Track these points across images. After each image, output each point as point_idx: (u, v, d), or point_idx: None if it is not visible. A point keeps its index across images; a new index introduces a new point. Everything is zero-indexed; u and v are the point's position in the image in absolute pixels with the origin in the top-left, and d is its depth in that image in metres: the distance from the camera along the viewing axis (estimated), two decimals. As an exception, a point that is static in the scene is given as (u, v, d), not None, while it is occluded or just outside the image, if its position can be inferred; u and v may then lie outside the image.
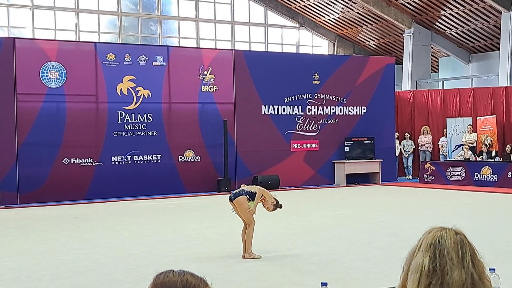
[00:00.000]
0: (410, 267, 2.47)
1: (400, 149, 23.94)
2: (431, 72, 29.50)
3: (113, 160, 18.69)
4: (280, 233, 11.75)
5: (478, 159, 21.49)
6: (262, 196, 9.51)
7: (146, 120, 19.14)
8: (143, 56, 19.22)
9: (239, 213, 9.51)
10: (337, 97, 22.14)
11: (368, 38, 31.17)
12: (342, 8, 28.96)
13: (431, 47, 28.93)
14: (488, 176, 20.07)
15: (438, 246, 2.41)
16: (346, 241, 10.73)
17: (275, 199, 9.66)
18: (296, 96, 21.47)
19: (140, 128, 19.07)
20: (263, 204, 9.60)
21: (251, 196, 9.44)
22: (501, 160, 20.85)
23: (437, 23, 27.75)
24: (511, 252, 9.57)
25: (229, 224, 12.92)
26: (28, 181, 17.55)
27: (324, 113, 21.95)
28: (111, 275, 8.47)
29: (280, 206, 9.72)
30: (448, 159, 22.73)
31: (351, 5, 28.25)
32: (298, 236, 11.40)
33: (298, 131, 21.53)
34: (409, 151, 23.81)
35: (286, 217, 13.62)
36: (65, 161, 18.05)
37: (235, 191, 9.65)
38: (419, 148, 23.87)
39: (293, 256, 9.56)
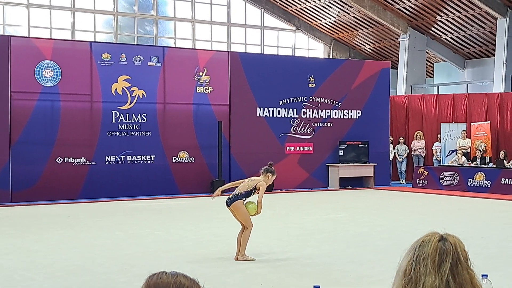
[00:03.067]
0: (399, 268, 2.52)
1: (394, 153, 23.96)
2: (426, 77, 29.57)
3: (106, 160, 18.66)
4: (274, 235, 11.75)
5: (471, 164, 21.52)
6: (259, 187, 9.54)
7: (140, 120, 19.12)
8: (139, 56, 19.20)
9: (237, 217, 9.52)
10: (332, 101, 22.15)
11: (363, 42, 31.22)
12: (339, 12, 29.00)
13: (427, 52, 28.99)
14: (481, 182, 20.10)
15: (418, 251, 2.44)
16: (340, 244, 10.74)
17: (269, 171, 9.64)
18: (291, 99, 21.47)
19: (134, 128, 19.05)
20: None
21: (246, 195, 9.46)
22: (495, 166, 20.88)
23: (432, 29, 27.81)
24: (505, 257, 9.59)
25: (222, 226, 12.92)
26: (21, 179, 17.50)
27: (319, 116, 21.96)
28: (105, 275, 8.45)
29: (272, 172, 9.68)
30: (441, 164, 22.76)
31: (347, 9, 28.29)
32: (292, 238, 11.40)
33: (292, 133, 21.54)
34: (403, 156, 23.83)
35: (281, 219, 13.64)
36: (58, 160, 18.01)
37: (230, 196, 9.62)
38: (412, 152, 23.89)
39: (287, 258, 9.56)
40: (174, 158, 19.64)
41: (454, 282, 2.38)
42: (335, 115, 22.26)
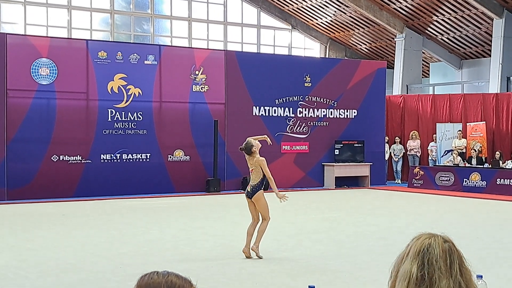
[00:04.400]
0: (398, 273, 2.45)
1: (390, 153, 23.97)
2: (422, 77, 29.59)
3: (102, 158, 18.63)
4: (269, 234, 11.69)
5: (467, 165, 21.54)
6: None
7: (136, 119, 19.09)
8: (135, 54, 19.18)
9: (257, 208, 9.58)
10: (328, 100, 22.15)
11: (360, 41, 31.23)
12: (335, 12, 29.00)
13: (423, 52, 29.00)
14: (476, 182, 20.12)
15: (427, 254, 2.39)
16: (335, 244, 10.74)
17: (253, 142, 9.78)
18: (287, 98, 21.47)
19: (130, 127, 19.02)
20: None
21: (262, 183, 9.63)
22: (490, 166, 20.90)
23: (429, 29, 27.83)
24: (499, 258, 9.60)
25: (217, 225, 12.93)
26: (17, 177, 17.47)
27: (315, 116, 21.96)
28: (98, 274, 8.44)
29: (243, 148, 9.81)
30: (437, 164, 22.78)
31: (343, 8, 28.29)
32: (287, 238, 11.40)
33: (288, 133, 21.53)
34: (399, 155, 23.83)
35: (275, 219, 13.59)
36: (54, 158, 17.98)
37: (249, 189, 9.66)
38: (408, 152, 23.90)
39: (282, 258, 9.56)
40: (170, 157, 19.62)
41: (463, 282, 2.37)
42: (331, 114, 22.27)
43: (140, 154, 19.16)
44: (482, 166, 21.02)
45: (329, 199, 18.60)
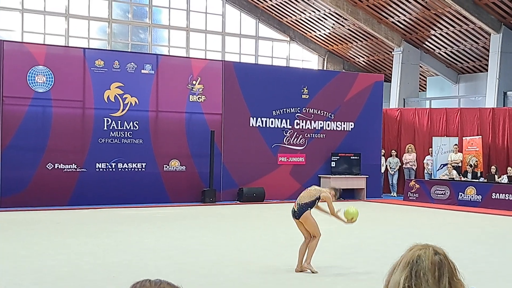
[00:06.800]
0: (389, 284, 2.43)
1: (386, 166, 23.96)
2: (419, 91, 29.64)
3: (97, 166, 18.58)
4: (264, 245, 11.72)
5: (462, 179, 21.54)
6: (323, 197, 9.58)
7: (132, 128, 19.07)
8: (132, 63, 19.17)
9: (306, 228, 9.46)
10: (325, 112, 22.16)
11: (357, 54, 31.29)
12: (333, 24, 29.07)
13: (420, 66, 29.07)
14: (472, 196, 20.11)
15: (415, 266, 2.37)
16: (329, 256, 10.70)
17: (334, 189, 9.79)
18: (284, 109, 21.47)
19: (126, 136, 18.99)
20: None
21: (311, 205, 9.52)
22: (486, 180, 20.90)
23: (426, 43, 27.90)
24: (494, 272, 9.58)
25: (212, 235, 12.89)
26: (11, 184, 17.41)
27: (312, 128, 21.96)
28: (92, 282, 8.40)
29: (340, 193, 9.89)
30: (433, 177, 22.77)
31: (342, 21, 28.36)
32: (282, 249, 11.36)
33: (285, 144, 21.52)
34: (394, 169, 23.82)
35: (271, 229, 13.61)
36: (49, 166, 17.92)
37: (295, 208, 9.57)
38: (404, 166, 23.90)
39: (276, 269, 9.52)
40: (166, 167, 19.59)
41: None
42: (328, 126, 22.27)
43: (136, 164, 19.12)
44: (477, 180, 21.02)
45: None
